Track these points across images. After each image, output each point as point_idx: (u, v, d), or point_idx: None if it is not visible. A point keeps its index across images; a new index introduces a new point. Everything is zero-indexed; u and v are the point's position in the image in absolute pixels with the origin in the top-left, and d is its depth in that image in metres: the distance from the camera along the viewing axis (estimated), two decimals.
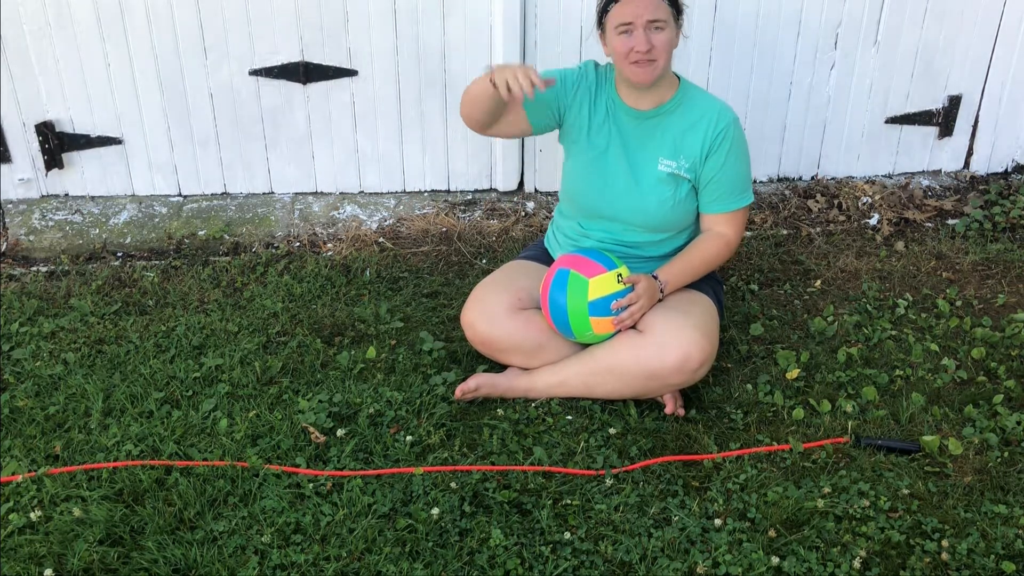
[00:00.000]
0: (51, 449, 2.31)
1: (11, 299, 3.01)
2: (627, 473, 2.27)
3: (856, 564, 2.00)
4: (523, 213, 3.53)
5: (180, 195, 3.59)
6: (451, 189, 3.68)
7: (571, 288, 2.38)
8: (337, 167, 3.59)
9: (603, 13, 2.39)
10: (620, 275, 2.40)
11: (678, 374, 2.36)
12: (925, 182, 3.83)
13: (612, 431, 2.41)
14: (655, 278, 2.45)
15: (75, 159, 3.48)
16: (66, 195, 3.56)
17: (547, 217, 3.51)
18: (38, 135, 3.39)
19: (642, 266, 2.53)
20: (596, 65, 2.55)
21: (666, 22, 2.33)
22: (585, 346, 2.50)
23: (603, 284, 2.37)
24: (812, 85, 3.61)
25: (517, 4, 3.29)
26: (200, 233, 3.43)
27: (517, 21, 3.32)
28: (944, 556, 2.02)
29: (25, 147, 3.42)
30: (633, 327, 2.46)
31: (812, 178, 3.81)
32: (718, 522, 2.12)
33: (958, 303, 3.04)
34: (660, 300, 2.45)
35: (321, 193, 3.64)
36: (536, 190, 3.66)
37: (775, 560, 2.00)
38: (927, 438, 2.35)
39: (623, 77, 2.42)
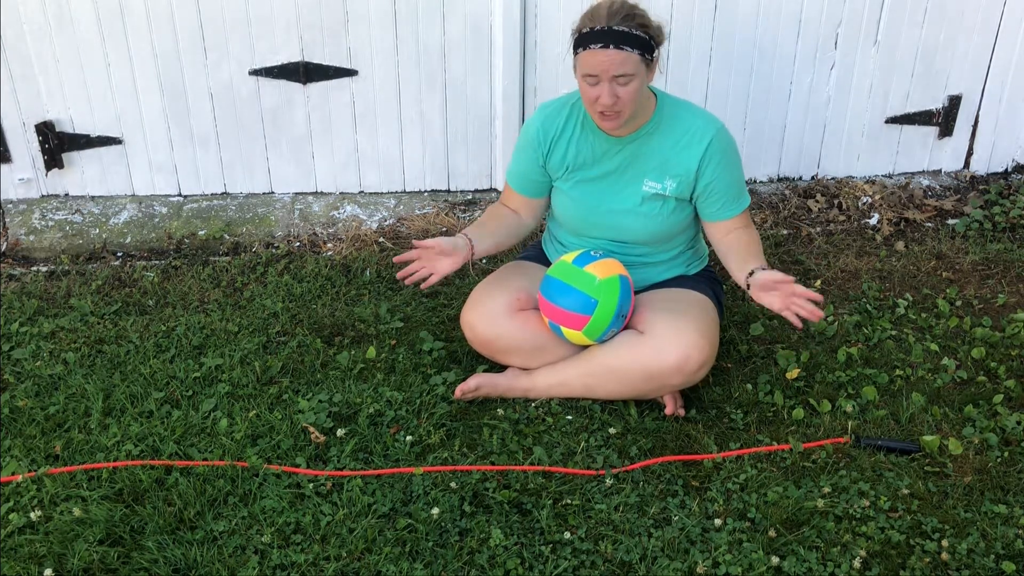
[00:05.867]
0: (51, 449, 2.31)
1: (11, 299, 3.01)
2: (627, 473, 2.27)
3: (856, 564, 2.00)
4: None
5: (180, 195, 3.59)
6: (451, 189, 3.68)
7: (568, 335, 2.44)
8: (337, 167, 3.59)
9: (574, 52, 2.29)
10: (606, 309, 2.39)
11: (677, 375, 2.36)
12: (925, 182, 3.83)
13: (612, 431, 2.41)
14: (753, 272, 2.33)
15: (75, 159, 3.48)
16: (66, 195, 3.56)
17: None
18: (38, 135, 3.39)
19: (639, 271, 2.53)
20: (563, 101, 2.48)
21: (634, 74, 2.22)
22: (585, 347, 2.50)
23: (595, 328, 2.39)
24: (812, 85, 3.61)
25: (517, 4, 3.29)
26: (200, 233, 3.43)
27: (517, 21, 3.32)
28: (944, 556, 2.02)
29: (25, 147, 3.42)
30: (633, 327, 2.46)
31: (812, 178, 3.81)
32: (718, 522, 2.11)
33: (958, 303, 3.04)
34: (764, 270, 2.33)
35: (321, 193, 3.64)
36: None
37: (775, 560, 2.00)
38: (927, 438, 2.35)
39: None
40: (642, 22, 2.24)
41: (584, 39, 2.23)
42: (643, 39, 2.22)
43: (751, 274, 2.33)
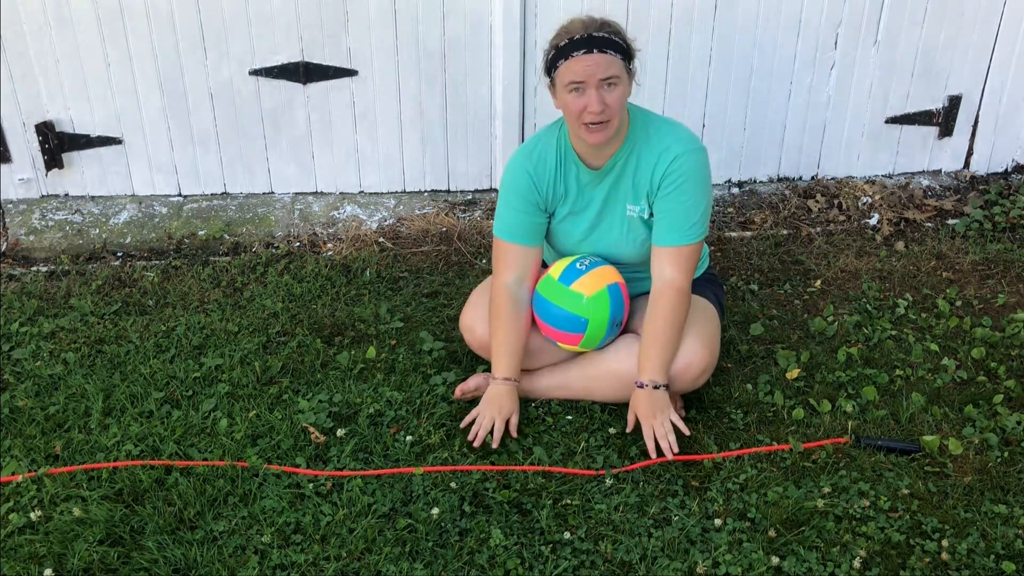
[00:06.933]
0: (51, 449, 2.31)
1: (11, 299, 3.01)
2: (627, 473, 2.27)
3: (856, 564, 2.00)
4: None
5: (180, 195, 3.59)
6: (451, 189, 3.68)
7: (566, 349, 2.46)
8: (337, 167, 3.59)
9: (552, 68, 2.25)
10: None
11: (678, 381, 2.36)
12: (925, 182, 3.83)
13: (612, 431, 2.41)
14: (642, 386, 2.32)
15: (75, 159, 3.48)
16: (66, 195, 3.56)
17: None
18: (38, 135, 3.39)
19: (638, 285, 2.52)
20: (544, 142, 2.41)
21: (619, 77, 2.19)
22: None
23: (591, 341, 2.41)
24: (812, 85, 3.61)
25: (517, 4, 3.29)
26: (200, 233, 3.43)
27: (517, 21, 3.32)
28: (944, 556, 2.02)
29: (25, 147, 3.42)
30: (634, 331, 2.46)
31: (812, 178, 3.81)
32: (718, 522, 2.11)
33: (958, 303, 3.03)
34: (666, 388, 2.34)
35: (321, 193, 3.64)
36: None
37: (775, 560, 2.00)
38: (927, 438, 2.35)
39: (576, 135, 2.31)
40: (617, 30, 2.24)
41: (564, 50, 2.20)
42: (622, 46, 2.22)
43: (642, 385, 2.33)
